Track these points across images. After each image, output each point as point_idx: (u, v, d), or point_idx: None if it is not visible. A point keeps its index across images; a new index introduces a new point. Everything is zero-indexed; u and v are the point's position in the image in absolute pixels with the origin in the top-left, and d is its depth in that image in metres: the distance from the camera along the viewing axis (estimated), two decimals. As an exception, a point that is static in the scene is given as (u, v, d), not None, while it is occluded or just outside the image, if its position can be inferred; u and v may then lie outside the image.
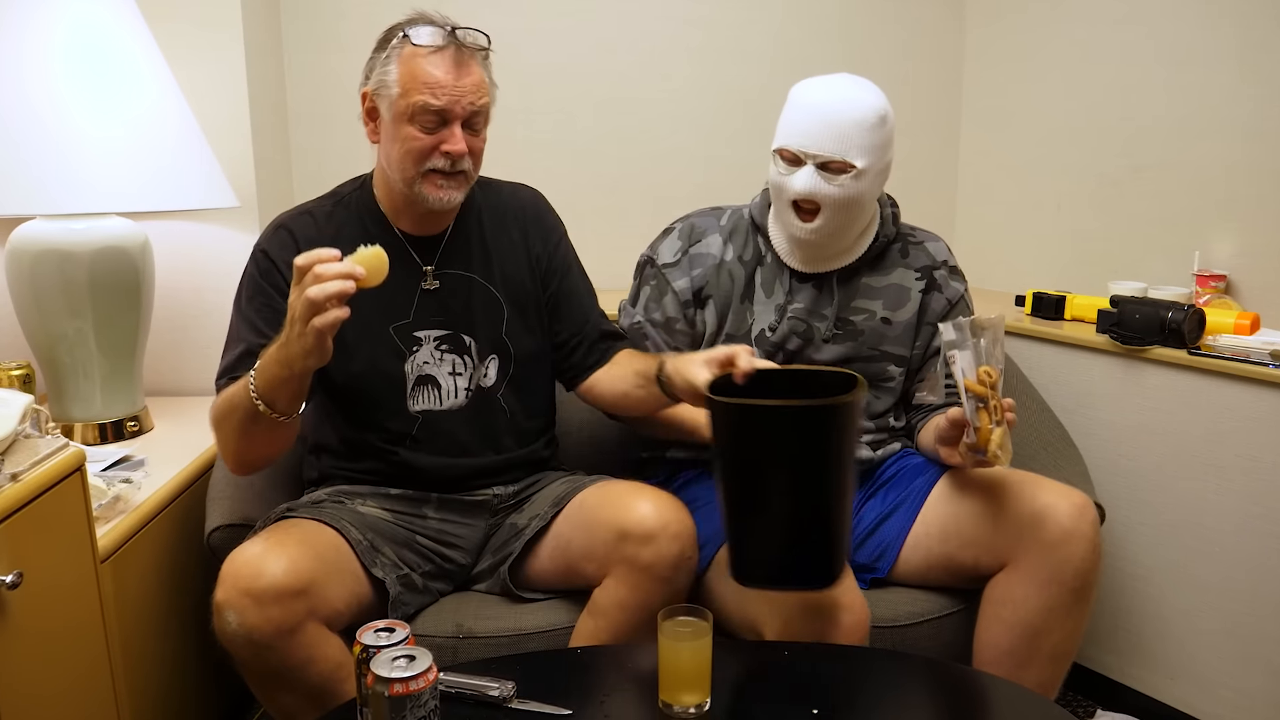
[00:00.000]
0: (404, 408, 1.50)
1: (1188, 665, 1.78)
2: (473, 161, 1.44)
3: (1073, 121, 2.18)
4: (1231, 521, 1.69)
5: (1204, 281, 1.89)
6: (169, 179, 1.67)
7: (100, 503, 1.38)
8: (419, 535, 1.50)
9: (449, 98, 1.37)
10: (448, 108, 1.38)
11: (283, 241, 1.46)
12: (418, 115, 1.38)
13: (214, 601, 1.25)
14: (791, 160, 1.50)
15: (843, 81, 1.50)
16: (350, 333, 1.34)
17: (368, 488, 1.51)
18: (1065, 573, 1.39)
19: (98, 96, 1.61)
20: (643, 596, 1.37)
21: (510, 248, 1.57)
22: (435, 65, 1.37)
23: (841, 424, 1.18)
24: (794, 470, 1.20)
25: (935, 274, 1.64)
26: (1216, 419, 1.69)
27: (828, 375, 1.29)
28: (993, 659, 1.44)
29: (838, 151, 1.46)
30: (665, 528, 1.36)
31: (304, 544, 1.31)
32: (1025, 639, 1.41)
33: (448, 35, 1.39)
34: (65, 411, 1.73)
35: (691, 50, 2.35)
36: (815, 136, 1.46)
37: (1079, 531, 1.39)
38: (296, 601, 1.25)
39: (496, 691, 1.17)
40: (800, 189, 1.49)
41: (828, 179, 1.48)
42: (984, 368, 1.36)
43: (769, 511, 1.22)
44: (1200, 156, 1.94)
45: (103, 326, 1.70)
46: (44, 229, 1.66)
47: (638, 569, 1.36)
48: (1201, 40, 1.92)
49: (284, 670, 1.27)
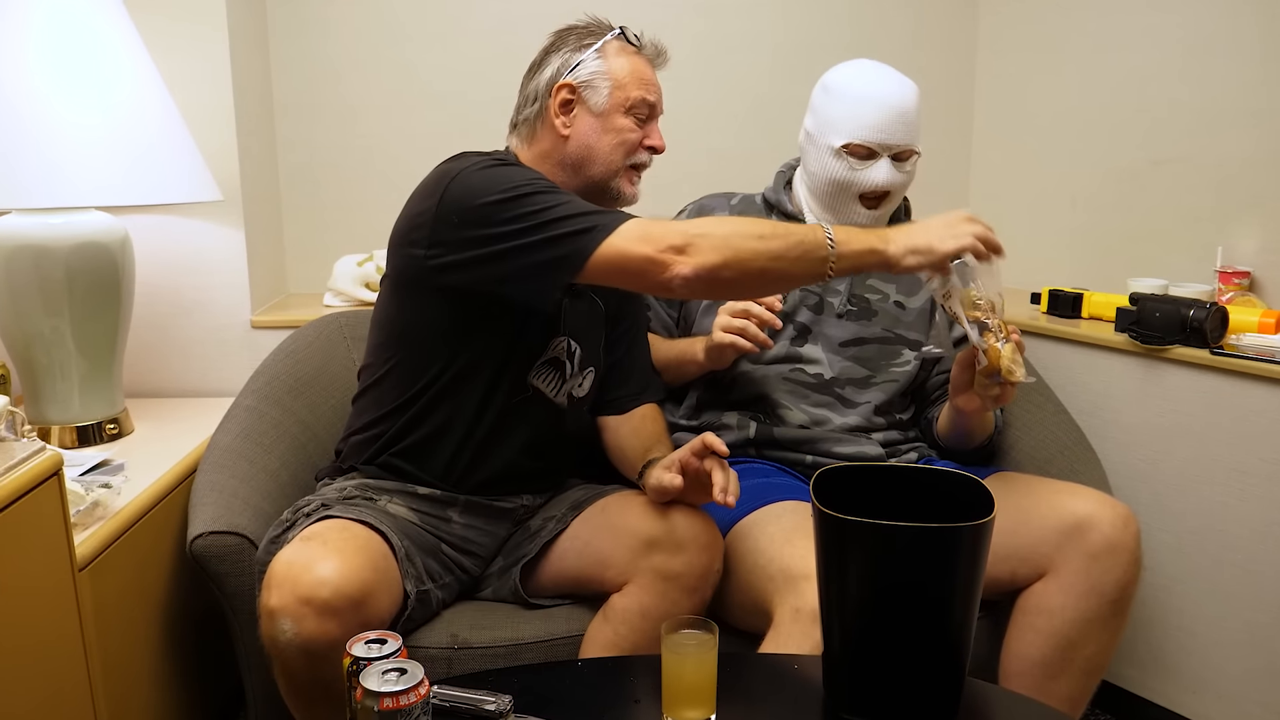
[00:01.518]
0: (524, 378, 1.49)
1: (1212, 678, 1.78)
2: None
3: (1089, 112, 2.18)
4: (1256, 528, 1.68)
5: (1227, 278, 1.89)
6: (150, 172, 1.67)
7: (78, 509, 1.37)
8: (444, 542, 1.50)
9: (657, 95, 1.53)
10: (657, 103, 1.53)
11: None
12: (634, 108, 1.49)
13: (265, 606, 1.23)
14: (866, 155, 1.60)
15: (885, 70, 1.62)
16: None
17: (395, 483, 1.50)
18: (1106, 584, 1.40)
19: (76, 87, 1.60)
20: (668, 605, 1.38)
21: None
22: (645, 64, 1.53)
23: (979, 545, 1.12)
24: (924, 596, 1.12)
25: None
26: (1240, 421, 1.68)
27: (914, 471, 1.29)
28: (1022, 669, 1.44)
29: (910, 140, 1.60)
30: (696, 538, 1.39)
31: (361, 551, 1.29)
32: (1059, 650, 1.42)
33: (649, 41, 1.55)
34: (42, 413, 1.72)
35: (695, 37, 2.34)
36: (890, 130, 1.58)
37: (1122, 543, 1.41)
38: (354, 612, 1.23)
39: (493, 706, 1.17)
40: (882, 181, 1.60)
41: (899, 168, 1.61)
42: (971, 293, 1.38)
43: (888, 639, 1.14)
44: (1222, 148, 1.94)
45: (81, 325, 1.69)
46: (19, 224, 1.65)
47: (666, 578, 1.38)
48: (1223, 27, 1.92)
49: (333, 682, 1.26)
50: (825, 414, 1.67)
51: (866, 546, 1.12)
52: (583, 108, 1.49)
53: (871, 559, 1.12)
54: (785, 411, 1.67)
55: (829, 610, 1.17)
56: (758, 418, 1.68)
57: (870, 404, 1.67)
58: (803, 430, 1.66)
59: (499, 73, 2.31)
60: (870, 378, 1.68)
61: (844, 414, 1.67)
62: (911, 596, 1.12)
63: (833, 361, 1.67)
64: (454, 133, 2.30)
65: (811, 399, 1.67)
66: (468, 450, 1.50)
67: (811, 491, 1.17)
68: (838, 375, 1.67)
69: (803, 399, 1.67)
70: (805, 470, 1.64)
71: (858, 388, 1.68)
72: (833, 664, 1.18)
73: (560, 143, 1.50)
